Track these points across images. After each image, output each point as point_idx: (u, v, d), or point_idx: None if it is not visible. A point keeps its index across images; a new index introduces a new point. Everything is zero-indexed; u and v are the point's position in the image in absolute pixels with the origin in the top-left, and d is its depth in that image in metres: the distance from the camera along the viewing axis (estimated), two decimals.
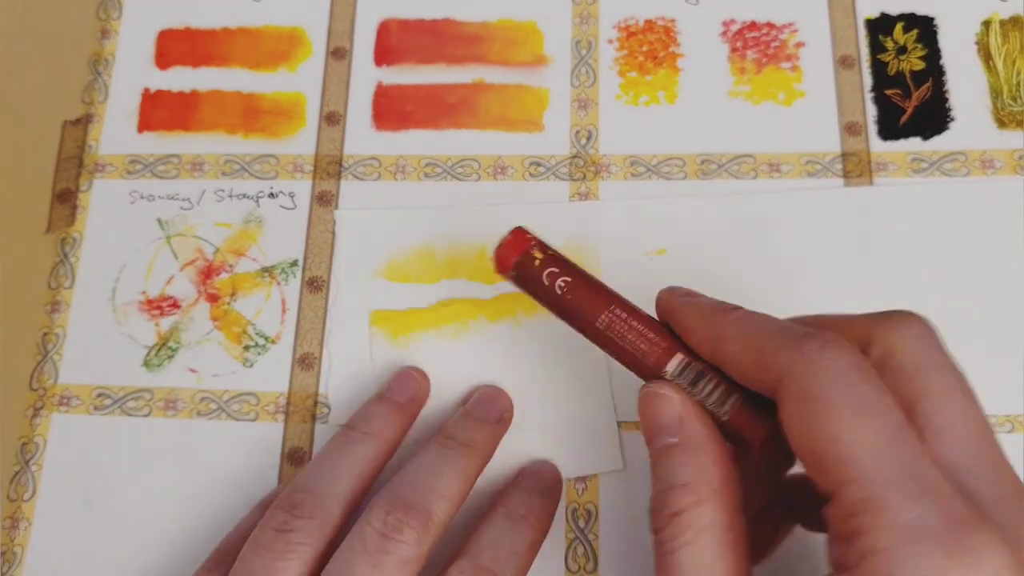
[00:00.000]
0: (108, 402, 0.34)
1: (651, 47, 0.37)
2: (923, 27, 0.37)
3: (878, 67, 0.36)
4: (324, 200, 0.36)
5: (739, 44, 0.37)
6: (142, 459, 0.33)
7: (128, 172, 0.37)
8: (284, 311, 0.34)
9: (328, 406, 0.33)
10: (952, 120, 0.35)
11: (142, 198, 0.36)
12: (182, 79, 0.38)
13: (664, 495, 0.22)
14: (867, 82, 0.36)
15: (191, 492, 0.32)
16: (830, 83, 0.36)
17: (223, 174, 0.36)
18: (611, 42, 0.37)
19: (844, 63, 0.36)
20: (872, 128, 0.35)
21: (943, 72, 0.36)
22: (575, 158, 0.36)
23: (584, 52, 0.37)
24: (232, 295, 0.35)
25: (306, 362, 0.34)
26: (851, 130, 0.35)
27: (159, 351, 0.34)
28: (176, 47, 0.39)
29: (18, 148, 0.38)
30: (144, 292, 0.35)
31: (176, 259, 0.35)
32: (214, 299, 0.35)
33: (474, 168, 0.36)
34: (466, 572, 0.26)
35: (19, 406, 0.34)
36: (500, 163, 0.36)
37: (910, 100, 0.36)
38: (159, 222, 0.36)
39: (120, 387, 0.34)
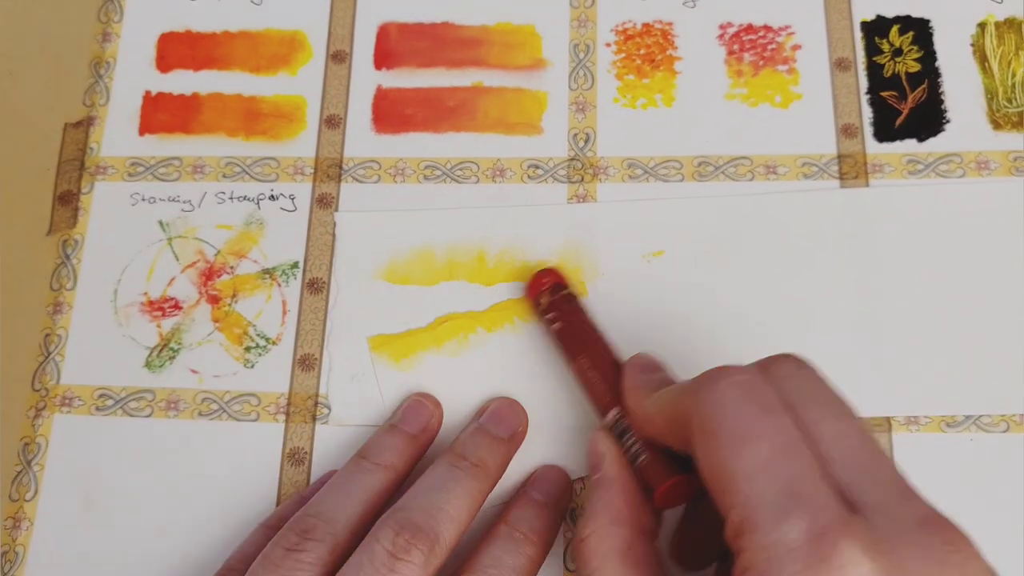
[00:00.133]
0: (110, 403, 0.34)
1: (648, 50, 0.37)
2: (919, 29, 0.37)
3: (874, 69, 0.36)
4: (324, 202, 0.36)
5: (736, 47, 0.37)
6: (143, 459, 0.33)
7: (129, 174, 0.37)
8: (285, 312, 0.35)
9: (328, 407, 0.33)
10: (948, 122, 0.35)
11: (143, 200, 0.37)
12: (183, 82, 0.38)
13: (579, 521, 0.25)
14: (863, 84, 0.36)
15: (192, 492, 0.32)
16: (826, 85, 0.36)
17: (224, 176, 0.37)
18: (609, 45, 0.37)
19: (840, 65, 0.36)
20: (868, 130, 0.35)
21: (939, 74, 0.36)
22: (573, 160, 0.36)
23: (582, 55, 0.37)
24: (233, 296, 0.35)
25: (307, 363, 0.34)
26: (847, 132, 0.35)
27: (160, 352, 0.34)
28: (177, 50, 0.39)
29: (20, 150, 0.38)
30: (146, 293, 0.35)
31: (177, 261, 0.36)
32: (215, 300, 0.35)
33: (473, 171, 0.36)
34: None
35: (21, 406, 0.34)
36: (499, 166, 0.36)
37: (906, 102, 0.36)
38: (160, 224, 0.36)
39: (122, 388, 0.34)
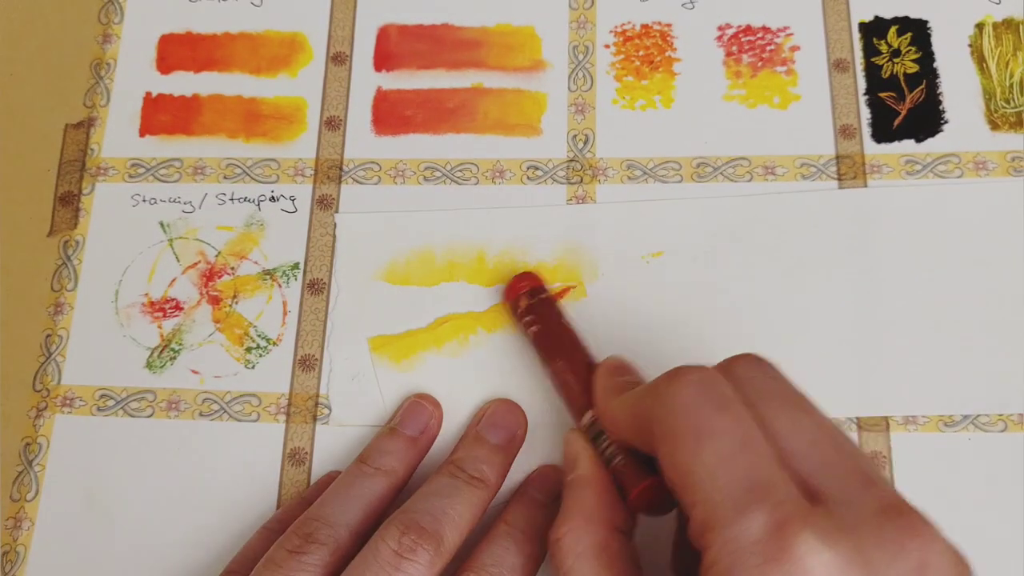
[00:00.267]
0: (111, 403, 0.34)
1: (647, 52, 0.37)
2: (916, 30, 0.37)
3: (872, 70, 0.36)
4: (325, 204, 0.36)
5: (735, 48, 0.37)
6: (144, 459, 0.33)
7: (130, 176, 0.37)
8: (285, 313, 0.35)
9: (329, 407, 0.33)
10: (945, 122, 0.35)
11: (144, 201, 0.37)
12: (183, 83, 0.38)
13: (555, 521, 0.26)
14: (861, 85, 0.36)
15: (193, 492, 0.32)
16: (824, 86, 0.36)
17: (224, 178, 0.37)
18: (608, 47, 0.37)
19: (838, 66, 0.37)
20: (866, 131, 0.36)
21: (936, 75, 0.36)
22: (572, 162, 0.36)
23: (581, 57, 0.37)
24: (234, 297, 0.35)
25: (307, 363, 0.34)
26: (845, 133, 0.36)
27: (161, 353, 0.35)
28: (177, 51, 0.39)
29: (20, 151, 0.38)
30: (147, 294, 0.35)
31: (178, 262, 0.36)
32: (216, 301, 0.35)
33: (473, 172, 0.36)
34: None
35: (22, 407, 0.34)
36: (498, 167, 0.36)
37: (904, 103, 0.36)
38: (161, 225, 0.36)
39: (123, 388, 0.34)
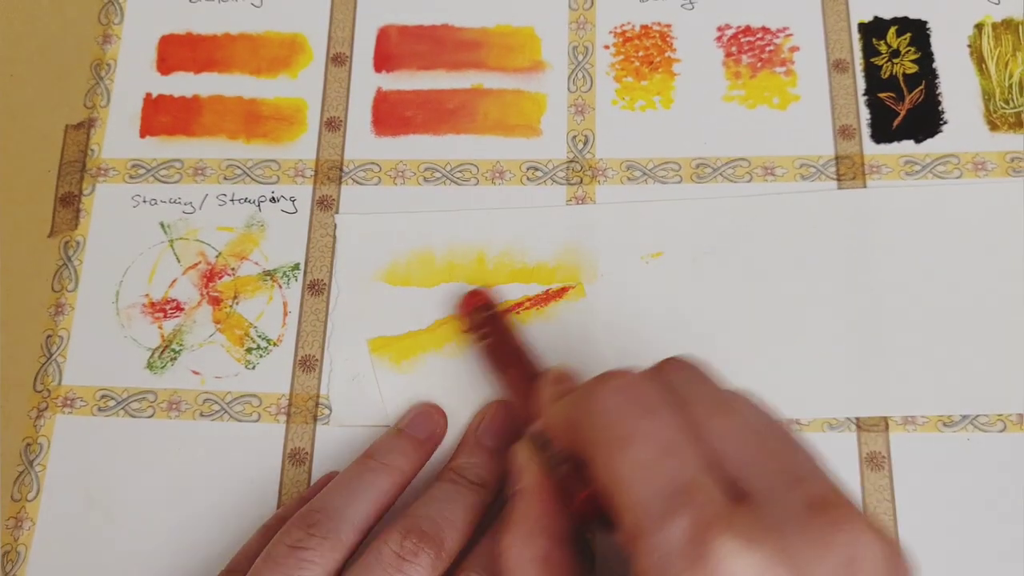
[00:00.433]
0: (111, 403, 0.34)
1: (647, 52, 0.37)
2: (916, 31, 0.37)
3: (871, 71, 0.36)
4: (325, 204, 0.36)
5: (734, 49, 0.37)
6: (145, 460, 0.33)
7: (130, 176, 0.37)
8: (286, 314, 0.35)
9: (329, 408, 0.33)
10: (945, 123, 0.35)
11: (144, 202, 0.37)
12: (184, 84, 0.38)
13: (500, 533, 0.25)
14: (860, 86, 0.36)
15: (193, 493, 0.33)
16: (824, 87, 0.36)
17: (225, 179, 0.37)
18: (607, 47, 0.38)
19: (838, 67, 0.37)
20: (865, 131, 0.36)
21: (936, 75, 0.36)
22: (572, 163, 0.36)
23: (581, 57, 0.37)
24: (234, 298, 0.35)
25: (307, 364, 0.34)
26: (845, 133, 0.36)
27: (162, 353, 0.35)
28: (178, 52, 0.39)
29: (21, 152, 0.38)
30: (147, 295, 0.35)
31: (179, 263, 0.36)
32: (216, 302, 0.35)
33: (472, 173, 0.36)
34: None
35: (23, 407, 0.34)
36: (498, 168, 0.36)
37: (903, 103, 0.36)
38: (162, 226, 0.36)
39: (123, 389, 0.34)
